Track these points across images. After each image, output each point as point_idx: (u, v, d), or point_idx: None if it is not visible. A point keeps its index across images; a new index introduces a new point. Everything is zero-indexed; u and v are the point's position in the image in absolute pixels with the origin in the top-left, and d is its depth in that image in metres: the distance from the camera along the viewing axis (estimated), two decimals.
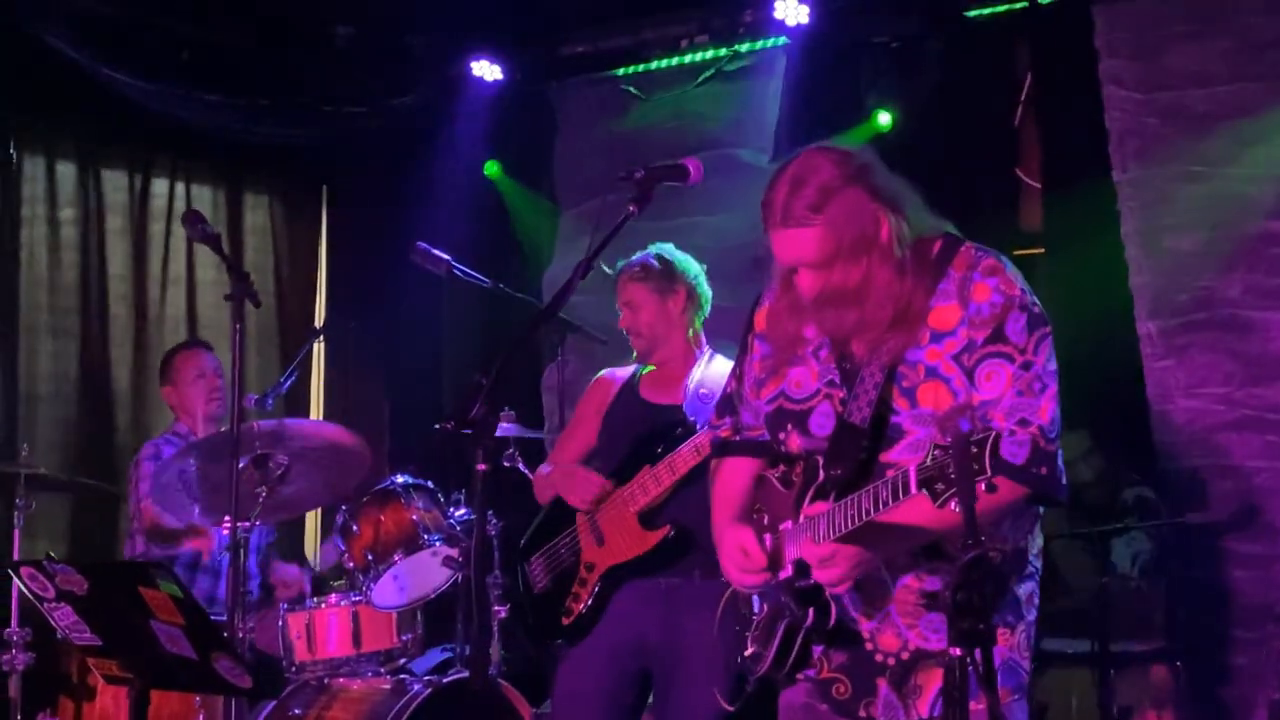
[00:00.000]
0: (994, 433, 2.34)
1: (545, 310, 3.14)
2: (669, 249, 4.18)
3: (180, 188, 6.90)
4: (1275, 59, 4.89)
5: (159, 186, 6.84)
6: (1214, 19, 5.01)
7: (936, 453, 2.39)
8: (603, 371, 4.40)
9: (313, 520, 7.20)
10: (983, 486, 2.33)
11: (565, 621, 4.02)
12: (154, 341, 6.72)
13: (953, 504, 2.37)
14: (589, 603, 3.99)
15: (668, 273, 4.11)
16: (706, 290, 4.16)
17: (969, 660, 2.28)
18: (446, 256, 4.85)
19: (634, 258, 4.16)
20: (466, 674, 4.79)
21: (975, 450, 2.33)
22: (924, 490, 2.40)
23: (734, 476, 3.00)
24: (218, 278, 6.82)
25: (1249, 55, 4.93)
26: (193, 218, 4.32)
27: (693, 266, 4.15)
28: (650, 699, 4.14)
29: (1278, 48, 4.88)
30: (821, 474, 2.73)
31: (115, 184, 6.72)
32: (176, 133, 6.47)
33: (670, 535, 3.89)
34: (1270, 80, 4.90)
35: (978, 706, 2.39)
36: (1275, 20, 4.90)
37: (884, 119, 5.75)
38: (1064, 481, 2.67)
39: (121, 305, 6.69)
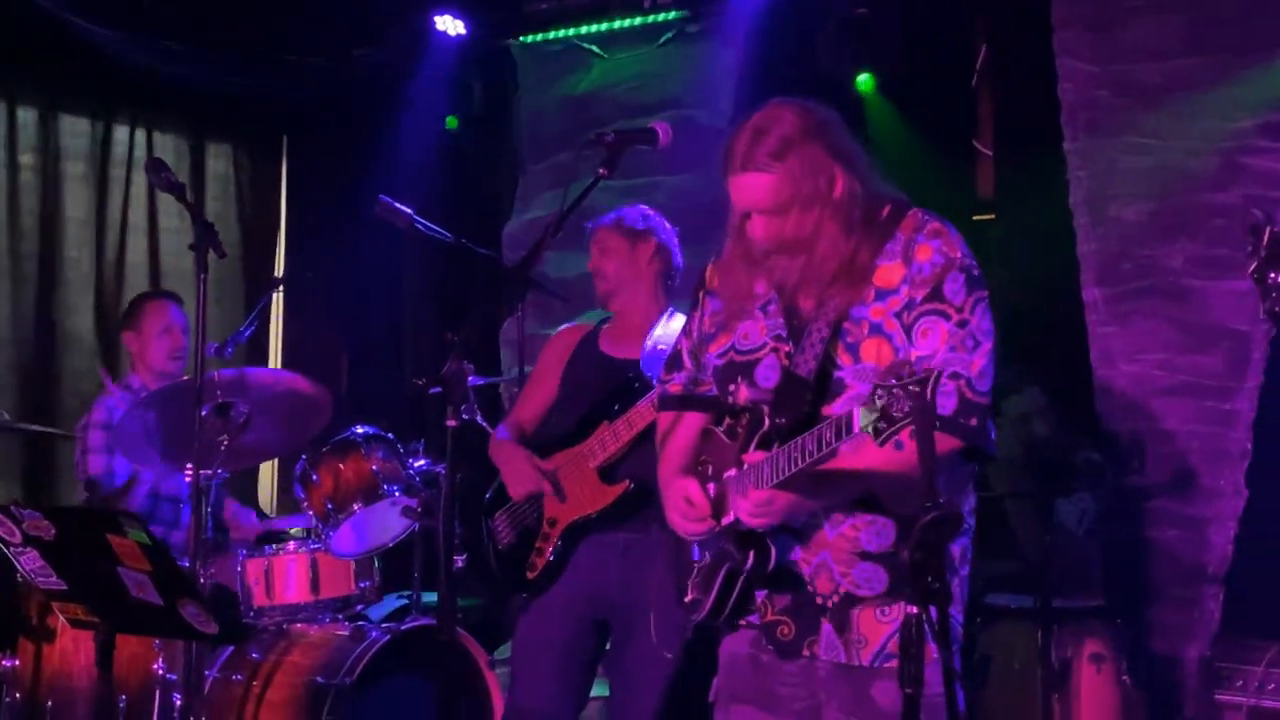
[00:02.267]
0: (935, 372, 2.37)
1: (517, 269, 3.15)
2: (647, 209, 4.19)
3: (141, 135, 6.82)
4: (1226, 35, 4.92)
5: (120, 134, 6.76)
6: None
7: (879, 391, 2.40)
8: (563, 326, 4.41)
9: (268, 468, 7.19)
10: (907, 435, 2.36)
11: (530, 576, 4.05)
12: (114, 288, 6.67)
13: (893, 443, 2.40)
14: (552, 557, 4.02)
15: (642, 224, 4.14)
16: (676, 254, 4.17)
17: (925, 617, 2.33)
18: (408, 210, 4.82)
19: (611, 212, 4.17)
20: (424, 621, 4.81)
21: (916, 388, 2.36)
22: (866, 430, 2.42)
23: (681, 431, 3.03)
24: (180, 226, 6.77)
25: (1201, 30, 4.96)
26: (156, 165, 4.26)
27: (666, 227, 4.17)
28: (607, 648, 4.19)
29: (1229, 24, 4.91)
30: (767, 422, 2.76)
31: (76, 130, 6.64)
32: (139, 80, 6.40)
33: (630, 489, 3.92)
34: (1220, 55, 4.93)
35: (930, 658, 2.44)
36: None
37: (862, 79, 5.80)
38: (994, 436, 2.72)
39: (81, 251, 6.63)
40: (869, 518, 2.77)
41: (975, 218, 5.82)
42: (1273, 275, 2.22)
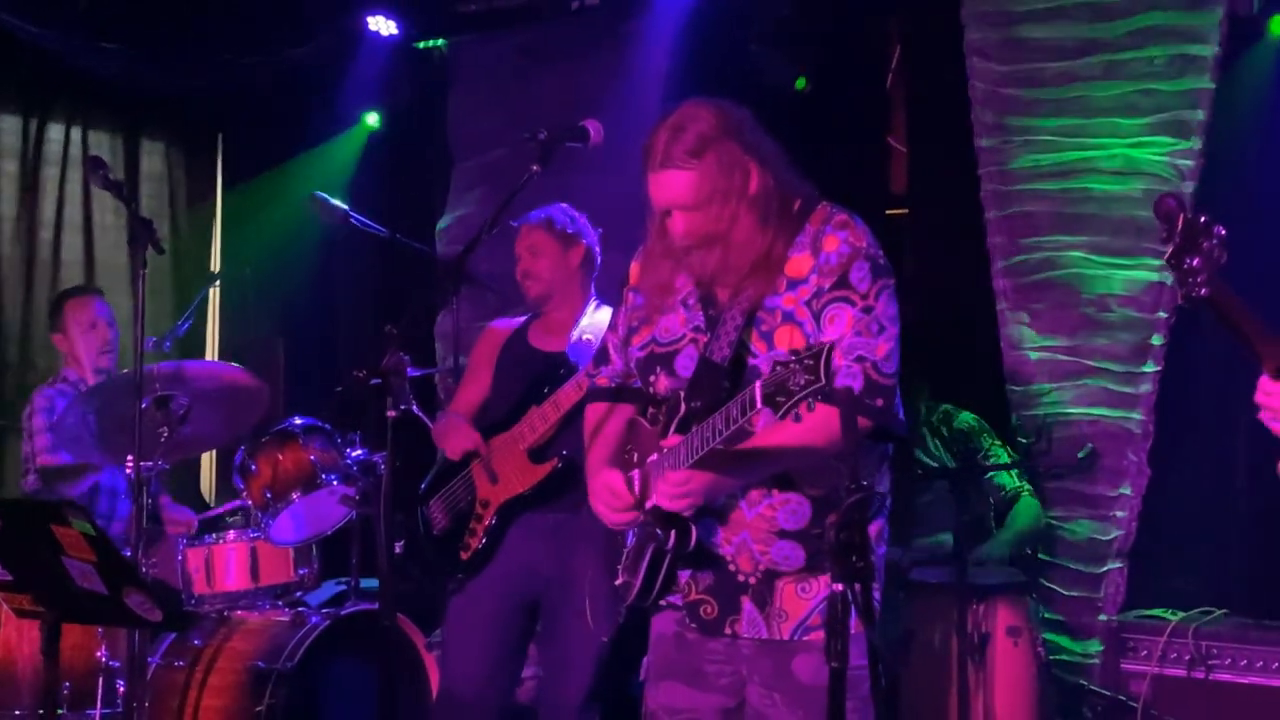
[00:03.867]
0: (828, 345, 2.42)
1: (454, 263, 3.16)
2: (571, 208, 4.22)
3: (76, 133, 6.71)
4: (1124, 36, 5.01)
5: (54, 132, 6.64)
6: None
7: (778, 367, 2.45)
8: (492, 322, 4.43)
9: (207, 459, 7.12)
10: (805, 408, 2.41)
11: (464, 557, 4.07)
12: (48, 284, 6.56)
13: (792, 416, 2.44)
14: (485, 538, 4.03)
15: (572, 227, 4.16)
16: (599, 252, 4.21)
17: (849, 594, 2.36)
18: (343, 206, 4.82)
19: (537, 210, 4.19)
20: (363, 606, 4.80)
21: (810, 361, 2.40)
22: (767, 405, 2.46)
23: (608, 424, 3.06)
24: (115, 222, 6.67)
25: (1101, 32, 5.04)
26: (94, 164, 4.24)
27: (591, 227, 4.20)
28: (538, 627, 4.21)
29: (1127, 25, 5.00)
30: (683, 408, 2.80)
31: (10, 128, 6.52)
32: (74, 79, 6.30)
33: (559, 467, 3.95)
34: (1118, 54, 5.02)
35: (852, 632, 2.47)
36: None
37: (800, 82, 5.85)
38: (902, 417, 2.78)
39: (15, 248, 6.52)
40: (785, 497, 2.81)
41: (889, 212, 5.88)
42: (1188, 260, 2.23)
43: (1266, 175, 4.82)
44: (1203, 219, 2.23)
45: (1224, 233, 2.22)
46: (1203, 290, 2.22)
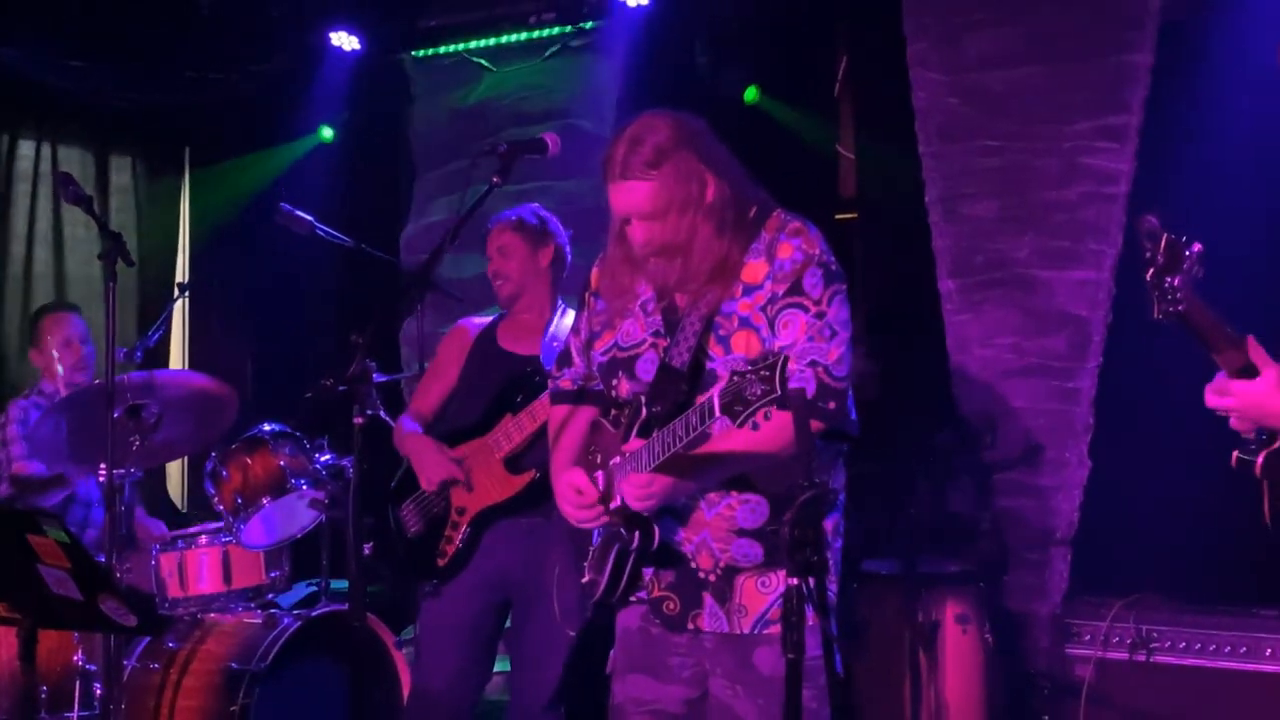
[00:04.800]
0: (783, 356, 2.43)
1: (419, 272, 3.15)
2: (542, 208, 4.19)
3: (46, 150, 6.66)
4: (1062, 45, 5.05)
5: (25, 149, 6.60)
6: (1009, 8, 5.15)
7: (735, 378, 2.46)
8: (460, 320, 4.39)
9: (178, 466, 7.07)
10: (762, 416, 2.43)
11: (440, 563, 4.03)
12: (19, 298, 6.51)
13: (749, 425, 2.45)
14: (461, 544, 4.00)
15: (541, 228, 4.13)
16: (568, 252, 4.18)
17: (805, 588, 2.38)
18: (309, 217, 4.79)
19: (509, 210, 4.16)
20: (334, 607, 4.78)
21: (766, 372, 2.41)
22: (725, 414, 2.47)
23: (572, 425, 3.07)
24: (85, 236, 6.63)
25: (1040, 41, 5.08)
26: (64, 179, 4.21)
27: (562, 229, 4.17)
28: (508, 625, 4.19)
29: (1065, 35, 5.04)
30: (644, 412, 2.81)
31: None
32: (44, 96, 6.25)
33: (537, 478, 3.91)
34: (1057, 64, 5.06)
35: (808, 624, 2.49)
36: (1063, 9, 5.07)
37: (749, 93, 5.87)
38: (854, 417, 2.79)
39: None
40: (743, 497, 2.82)
41: (838, 217, 5.91)
42: (1168, 279, 2.21)
43: (1199, 178, 4.87)
44: (1183, 238, 2.21)
45: (1200, 249, 2.20)
46: (1180, 307, 2.20)
